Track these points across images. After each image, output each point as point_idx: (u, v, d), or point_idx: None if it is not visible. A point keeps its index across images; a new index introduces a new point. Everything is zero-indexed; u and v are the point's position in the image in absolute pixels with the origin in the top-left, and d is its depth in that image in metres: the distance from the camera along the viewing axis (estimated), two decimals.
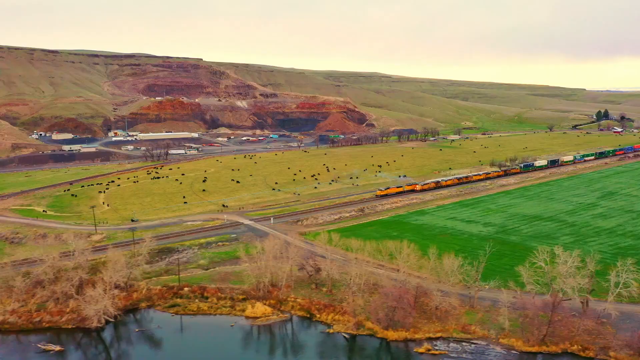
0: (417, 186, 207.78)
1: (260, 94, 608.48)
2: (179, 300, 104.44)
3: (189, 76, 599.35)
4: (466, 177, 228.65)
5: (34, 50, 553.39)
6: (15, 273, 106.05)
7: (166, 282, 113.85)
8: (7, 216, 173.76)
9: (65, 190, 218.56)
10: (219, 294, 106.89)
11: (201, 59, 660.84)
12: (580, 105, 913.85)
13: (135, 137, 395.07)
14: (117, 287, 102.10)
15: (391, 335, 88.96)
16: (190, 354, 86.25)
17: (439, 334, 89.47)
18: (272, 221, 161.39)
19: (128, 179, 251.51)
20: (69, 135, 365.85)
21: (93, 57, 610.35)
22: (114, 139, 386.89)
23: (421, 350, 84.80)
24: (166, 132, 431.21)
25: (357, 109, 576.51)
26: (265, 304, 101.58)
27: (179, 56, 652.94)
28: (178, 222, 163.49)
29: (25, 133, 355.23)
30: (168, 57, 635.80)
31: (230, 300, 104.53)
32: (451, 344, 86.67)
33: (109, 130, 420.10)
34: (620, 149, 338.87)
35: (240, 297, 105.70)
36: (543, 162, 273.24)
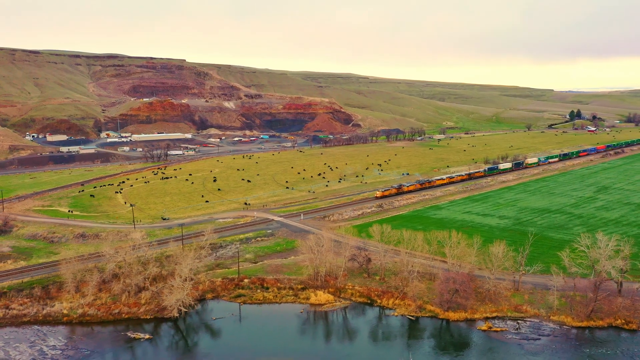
0: (377, 192, 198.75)
1: (245, 95, 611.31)
2: (242, 291, 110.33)
3: (173, 77, 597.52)
4: (428, 182, 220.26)
5: (15, 50, 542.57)
6: (84, 267, 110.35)
7: (222, 274, 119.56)
8: (33, 216, 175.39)
9: (80, 192, 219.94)
10: (278, 284, 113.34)
11: (184, 60, 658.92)
12: (551, 105, 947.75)
13: (129, 138, 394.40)
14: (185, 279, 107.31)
15: (452, 316, 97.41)
16: (269, 338, 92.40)
17: (494, 314, 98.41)
18: (302, 217, 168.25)
19: (137, 179, 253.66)
20: (63, 137, 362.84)
21: (74, 57, 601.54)
22: (108, 140, 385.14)
23: (483, 328, 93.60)
24: (158, 133, 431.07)
25: (342, 110, 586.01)
26: (326, 292, 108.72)
27: (162, 57, 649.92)
28: (209, 219, 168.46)
29: (18, 134, 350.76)
30: (152, 58, 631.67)
31: (291, 290, 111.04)
32: (508, 322, 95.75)
33: (100, 131, 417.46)
34: (583, 150, 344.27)
35: (299, 286, 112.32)
36: (507, 165, 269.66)
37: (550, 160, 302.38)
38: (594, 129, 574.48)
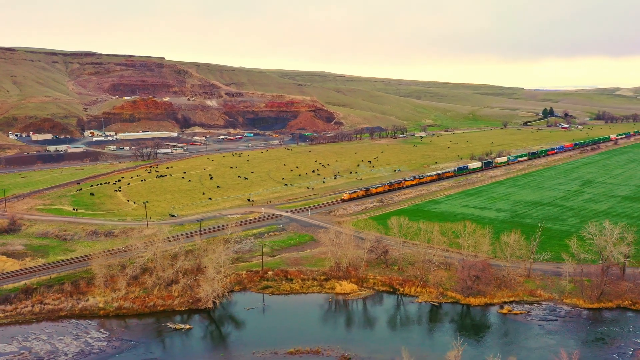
0: (345, 195, 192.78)
1: (226, 93, 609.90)
2: (268, 283, 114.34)
3: (153, 75, 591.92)
4: (397, 183, 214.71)
5: None
6: (113, 262, 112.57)
7: (244, 267, 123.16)
8: (38, 215, 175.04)
9: (78, 190, 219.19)
10: (302, 275, 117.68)
11: (164, 58, 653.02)
12: (523, 103, 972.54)
13: (115, 137, 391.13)
14: None
15: (473, 301, 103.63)
16: (304, 325, 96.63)
17: (511, 299, 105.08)
18: (309, 212, 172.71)
19: (132, 177, 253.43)
20: (48, 136, 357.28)
21: (51, 55, 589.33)
22: (94, 139, 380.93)
23: (504, 311, 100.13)
24: (143, 131, 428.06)
25: (324, 108, 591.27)
26: (349, 282, 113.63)
27: (141, 55, 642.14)
28: (217, 216, 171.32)
29: (1, 134, 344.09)
30: (130, 56, 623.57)
31: (315, 281, 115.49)
32: (525, 306, 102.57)
33: (83, 130, 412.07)
34: (551, 149, 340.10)
35: (322, 277, 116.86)
36: (477, 165, 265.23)
37: (519, 159, 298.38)
38: (567, 126, 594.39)
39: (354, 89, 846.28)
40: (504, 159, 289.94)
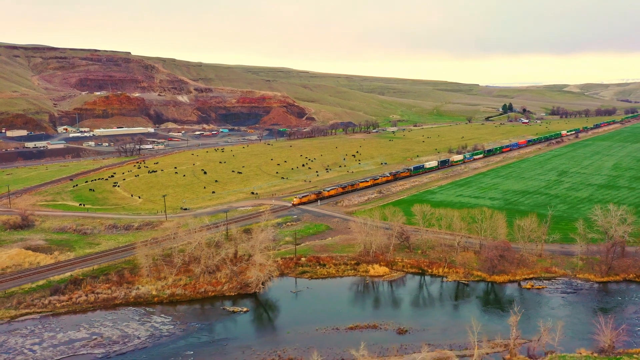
0: (295, 199, 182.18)
1: (195, 89, 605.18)
2: (304, 268, 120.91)
3: (121, 70, 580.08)
4: (351, 185, 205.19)
5: None
6: (158, 251, 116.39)
7: (276, 255, 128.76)
8: (46, 211, 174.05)
9: (74, 186, 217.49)
10: (333, 261, 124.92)
11: (130, 53, 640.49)
12: (482, 99, 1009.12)
13: (92, 133, 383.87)
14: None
15: (498, 279, 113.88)
16: (351, 305, 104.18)
17: (530, 276, 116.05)
18: (319, 203, 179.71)
19: (123, 173, 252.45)
20: (23, 132, 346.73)
21: (11, 49, 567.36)
22: (71, 135, 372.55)
23: (527, 286, 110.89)
24: (117, 127, 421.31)
25: (296, 104, 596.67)
26: (381, 266, 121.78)
27: (106, 49, 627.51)
28: (229, 208, 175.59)
29: None
30: (96, 50, 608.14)
31: (347, 265, 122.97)
32: (544, 281, 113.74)
33: (55, 126, 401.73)
34: (506, 146, 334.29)
35: (353, 262, 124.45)
36: (434, 164, 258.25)
37: (475, 157, 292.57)
38: (527, 121, 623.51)
39: (320, 85, 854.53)
40: (460, 157, 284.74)
